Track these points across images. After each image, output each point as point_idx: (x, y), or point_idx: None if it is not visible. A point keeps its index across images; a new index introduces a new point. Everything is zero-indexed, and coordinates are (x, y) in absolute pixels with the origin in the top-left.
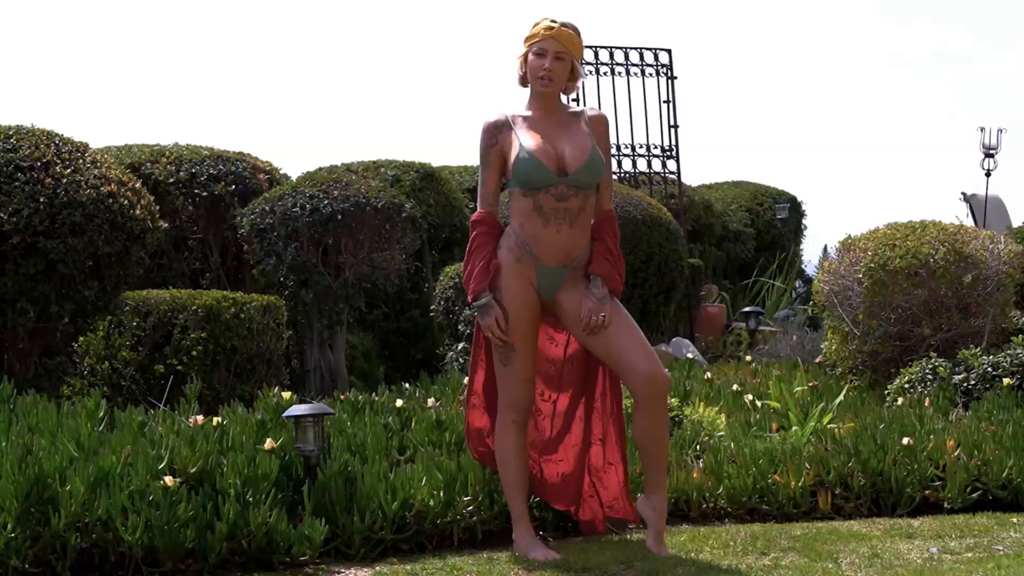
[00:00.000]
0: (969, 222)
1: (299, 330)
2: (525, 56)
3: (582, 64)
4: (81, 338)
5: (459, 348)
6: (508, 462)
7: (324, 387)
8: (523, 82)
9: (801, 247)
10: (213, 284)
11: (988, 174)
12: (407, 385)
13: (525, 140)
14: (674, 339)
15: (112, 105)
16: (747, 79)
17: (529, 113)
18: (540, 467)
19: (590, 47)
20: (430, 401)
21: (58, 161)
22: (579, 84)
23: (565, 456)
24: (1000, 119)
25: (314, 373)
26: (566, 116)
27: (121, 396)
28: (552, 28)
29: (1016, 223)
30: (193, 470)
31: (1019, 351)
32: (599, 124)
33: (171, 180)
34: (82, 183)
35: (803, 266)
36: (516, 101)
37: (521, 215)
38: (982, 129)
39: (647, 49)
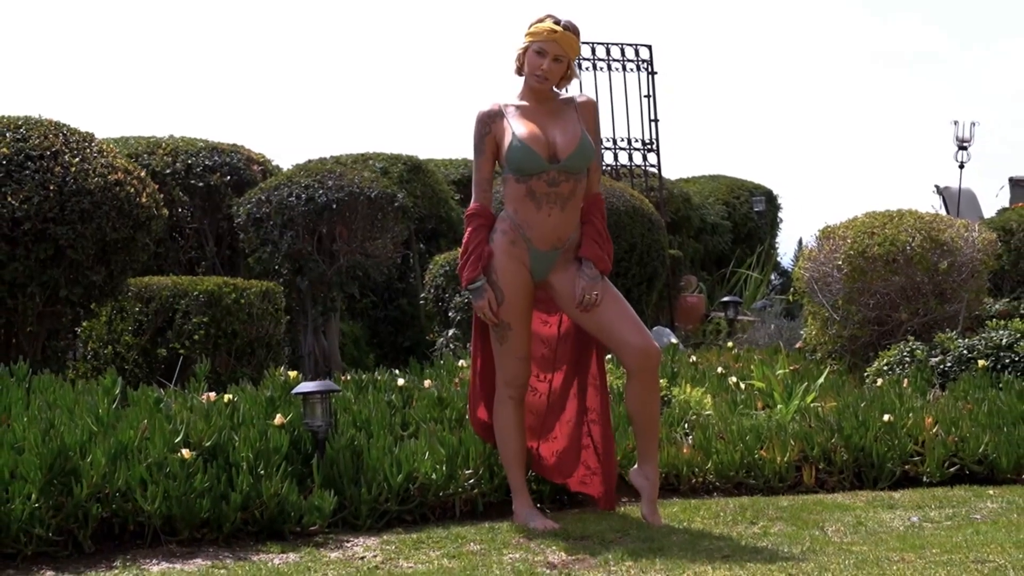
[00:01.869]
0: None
1: (293, 316)
2: (525, 50)
3: (578, 63)
4: (84, 323)
5: (449, 334)
6: (506, 437)
7: (318, 372)
8: (519, 72)
9: (777, 240)
10: (208, 272)
11: (961, 166)
12: (397, 372)
13: (517, 128)
14: (655, 327)
15: (107, 97)
16: (724, 74)
17: (522, 102)
18: (538, 448)
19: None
20: (427, 382)
21: (66, 150)
22: (575, 80)
23: (559, 433)
24: (974, 113)
25: (308, 358)
26: (557, 104)
27: (124, 379)
28: (556, 32)
29: (988, 215)
30: (208, 443)
31: (993, 334)
32: (588, 110)
33: (168, 171)
34: (90, 172)
35: (779, 258)
36: (506, 94)
37: (515, 200)
38: (955, 122)
39: (628, 45)
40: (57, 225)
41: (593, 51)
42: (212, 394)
